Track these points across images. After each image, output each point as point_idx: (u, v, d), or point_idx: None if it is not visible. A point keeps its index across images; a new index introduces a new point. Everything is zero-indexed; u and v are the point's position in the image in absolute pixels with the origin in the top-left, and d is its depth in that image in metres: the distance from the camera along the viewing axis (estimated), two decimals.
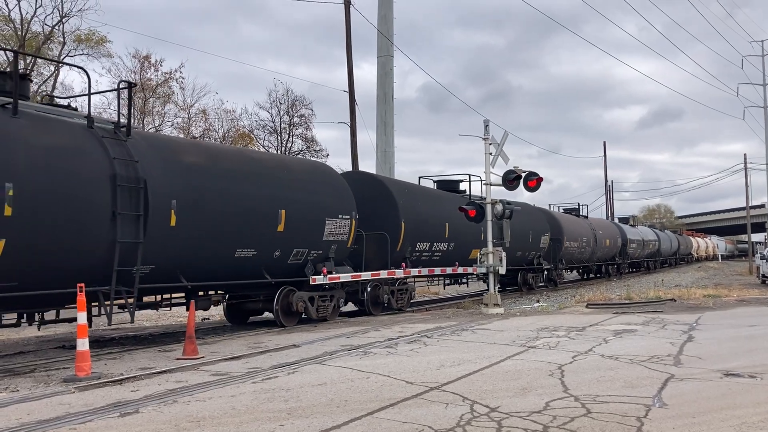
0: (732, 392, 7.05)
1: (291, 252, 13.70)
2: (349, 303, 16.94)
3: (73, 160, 9.61)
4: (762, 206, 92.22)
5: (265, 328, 14.22)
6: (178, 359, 9.62)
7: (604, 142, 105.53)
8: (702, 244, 76.90)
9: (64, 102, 11.90)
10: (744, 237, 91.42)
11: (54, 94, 35.88)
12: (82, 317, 8.30)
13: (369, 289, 16.67)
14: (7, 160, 8.69)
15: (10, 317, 10.67)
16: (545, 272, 29.27)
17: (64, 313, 11.13)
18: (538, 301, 22.25)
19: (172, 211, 10.81)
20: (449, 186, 22.16)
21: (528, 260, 27.27)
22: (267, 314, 15.51)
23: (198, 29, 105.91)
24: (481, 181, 18.91)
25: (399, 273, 17.23)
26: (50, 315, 11.11)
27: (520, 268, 26.82)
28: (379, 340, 11.36)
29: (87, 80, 10.85)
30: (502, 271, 18.41)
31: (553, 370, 8.29)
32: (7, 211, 8.51)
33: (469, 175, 22.52)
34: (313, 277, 14.36)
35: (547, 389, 7.19)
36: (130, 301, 10.69)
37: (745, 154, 59.16)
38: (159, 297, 12.66)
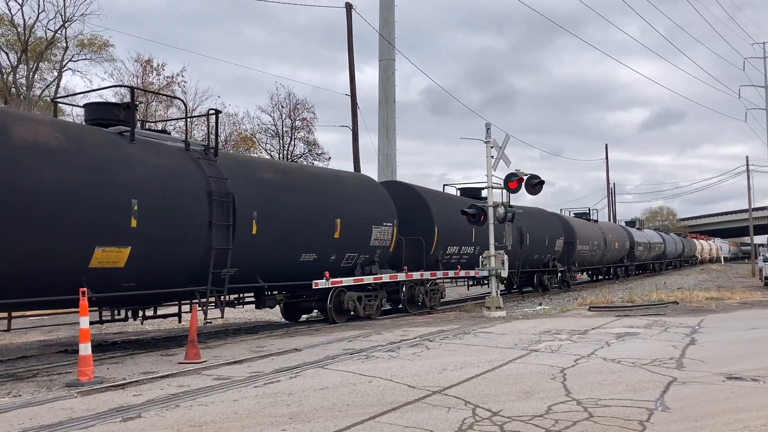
0: (735, 396, 7.03)
1: (344, 256, 15.47)
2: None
3: (178, 179, 11.31)
4: (764, 208, 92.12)
5: (319, 325, 15.49)
6: (180, 363, 9.62)
7: (606, 145, 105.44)
8: (706, 246, 78.51)
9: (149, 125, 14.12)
10: (747, 239, 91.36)
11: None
12: (84, 322, 8.32)
13: (405, 289, 17.88)
14: (132, 180, 10.37)
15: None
16: (559, 274, 30.43)
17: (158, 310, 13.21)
18: (540, 304, 22.23)
19: (254, 221, 12.54)
20: (472, 193, 23.07)
21: (544, 263, 28.49)
22: (314, 312, 17.47)
23: (201, 33, 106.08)
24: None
25: (401, 276, 17.26)
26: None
27: (536, 270, 28.05)
28: (381, 344, 11.36)
29: (184, 107, 13.75)
30: (504, 274, 18.42)
31: (556, 374, 8.28)
32: (133, 222, 10.18)
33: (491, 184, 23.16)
34: (315, 281, 14.43)
35: (549, 393, 7.18)
36: (219, 298, 12.30)
37: (747, 156, 58.96)
38: (234, 296, 14.33)
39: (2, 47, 33.39)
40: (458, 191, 22.99)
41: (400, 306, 18.33)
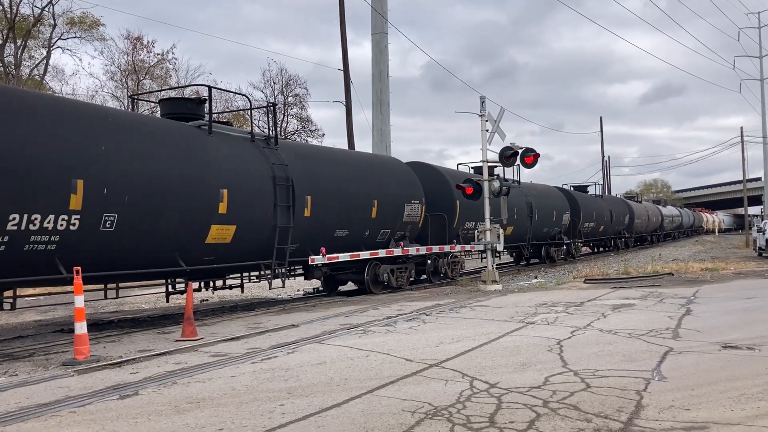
0: (731, 364, 7.06)
1: (379, 232, 17.94)
2: None
3: (249, 165, 12.79)
4: (759, 179, 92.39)
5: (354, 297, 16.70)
6: (177, 341, 9.61)
7: (600, 117, 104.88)
8: (710, 218, 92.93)
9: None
10: (741, 210, 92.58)
11: (47, 78, 35.54)
12: (79, 301, 8.27)
13: (429, 261, 19.77)
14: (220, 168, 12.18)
15: None
16: (623, 240, 43.58)
17: None
18: (536, 277, 22.30)
19: (309, 199, 14.26)
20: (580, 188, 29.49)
21: (617, 231, 41.84)
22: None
23: (199, 11, 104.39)
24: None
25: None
26: None
27: (612, 237, 41.47)
28: (378, 319, 11.37)
29: (249, 103, 15.90)
30: (500, 248, 18.43)
31: (552, 346, 8.30)
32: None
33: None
34: (312, 257, 14.51)
35: (546, 364, 7.20)
36: None
37: (741, 127, 58.75)
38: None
39: None
40: (471, 169, 23.49)
41: (424, 277, 19.87)
